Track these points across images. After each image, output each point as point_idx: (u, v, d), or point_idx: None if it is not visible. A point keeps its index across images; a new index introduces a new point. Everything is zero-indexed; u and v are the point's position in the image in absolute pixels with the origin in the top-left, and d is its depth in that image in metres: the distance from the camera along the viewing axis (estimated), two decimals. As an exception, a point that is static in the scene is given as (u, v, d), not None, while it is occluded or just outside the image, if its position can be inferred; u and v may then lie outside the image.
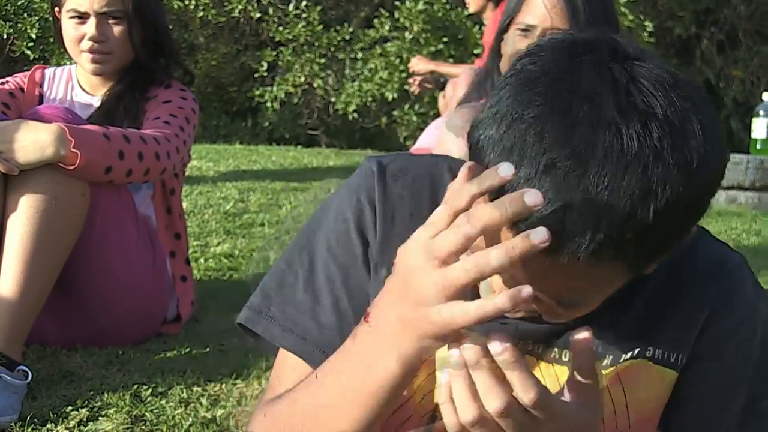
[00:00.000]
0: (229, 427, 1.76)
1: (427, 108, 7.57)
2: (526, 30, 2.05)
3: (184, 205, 3.53)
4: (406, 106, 7.67)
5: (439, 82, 5.21)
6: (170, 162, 2.17)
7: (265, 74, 7.87)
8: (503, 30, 2.13)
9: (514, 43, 2.06)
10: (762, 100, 5.56)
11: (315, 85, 7.77)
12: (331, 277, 1.13)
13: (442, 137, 1.91)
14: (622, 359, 1.09)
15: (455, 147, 1.84)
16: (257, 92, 7.84)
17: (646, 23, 8.00)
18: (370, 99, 7.62)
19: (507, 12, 2.12)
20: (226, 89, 8.35)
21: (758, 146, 5.51)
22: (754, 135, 5.52)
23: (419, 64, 5.27)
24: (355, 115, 7.75)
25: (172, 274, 2.31)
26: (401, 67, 7.39)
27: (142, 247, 2.18)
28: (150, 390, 1.86)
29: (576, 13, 2.02)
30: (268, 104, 7.83)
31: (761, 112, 5.47)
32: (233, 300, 2.59)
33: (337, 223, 1.14)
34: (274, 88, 7.80)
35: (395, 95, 7.49)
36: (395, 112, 7.74)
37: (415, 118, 7.61)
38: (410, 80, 5.35)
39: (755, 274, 1.18)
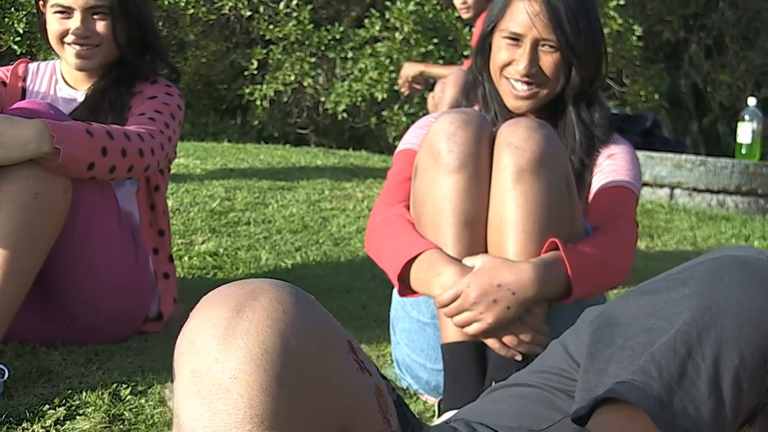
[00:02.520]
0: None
1: (416, 108, 7.56)
2: (516, 39, 2.05)
3: (170, 202, 3.51)
4: (396, 107, 7.65)
5: (428, 83, 5.21)
6: (154, 159, 2.15)
7: (255, 72, 7.84)
8: (487, 34, 2.13)
9: (505, 52, 2.07)
10: (747, 105, 5.57)
11: (305, 84, 7.74)
12: (738, 392, 1.05)
13: (430, 139, 1.89)
14: None
15: (444, 147, 1.83)
16: (247, 90, 7.80)
17: (635, 27, 8.00)
18: (359, 99, 7.59)
19: (490, 17, 2.12)
20: (215, 87, 8.32)
21: (743, 151, 5.52)
22: (739, 139, 5.53)
23: (409, 69, 5.26)
24: (345, 114, 7.72)
25: (154, 272, 2.30)
26: (391, 68, 7.38)
27: (125, 244, 2.16)
28: (129, 389, 1.84)
29: (560, 22, 2.02)
30: (258, 102, 7.80)
31: (747, 117, 5.47)
32: (216, 298, 2.58)
33: (758, 335, 1.05)
34: (264, 87, 7.77)
35: (385, 95, 7.46)
36: (385, 113, 7.71)
37: (404, 119, 7.59)
38: (399, 81, 5.34)
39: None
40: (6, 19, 5.96)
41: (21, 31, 5.94)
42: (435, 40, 7.50)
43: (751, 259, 1.12)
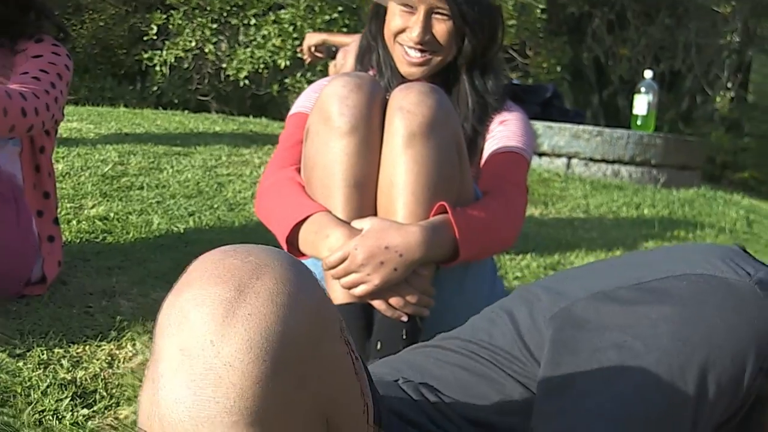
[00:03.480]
0: (96, 389, 1.72)
1: (319, 76, 7.52)
2: (410, 6, 2.05)
3: (60, 166, 3.43)
4: (299, 74, 7.60)
5: (331, 51, 5.18)
6: (38, 119, 2.09)
7: (155, 37, 7.68)
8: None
9: (399, 19, 2.07)
10: (644, 78, 5.70)
11: (206, 50, 7.63)
12: (712, 423, 1.05)
13: (322, 102, 1.88)
14: None
15: (336, 110, 1.82)
16: (146, 56, 7.65)
17: (540, 0, 8.09)
18: (262, 66, 7.52)
19: None
20: (114, 51, 8.15)
21: (639, 122, 5.65)
22: (635, 111, 5.67)
23: (312, 38, 5.24)
24: (247, 81, 7.64)
25: (38, 234, 2.23)
26: (295, 35, 7.32)
27: (5, 205, 2.10)
28: (7, 351, 1.80)
29: None
30: (157, 68, 7.65)
31: (642, 89, 5.61)
32: (104, 263, 2.54)
33: (735, 366, 1.05)
34: (164, 52, 7.63)
35: (288, 63, 7.41)
36: (287, 80, 7.66)
37: (307, 86, 7.55)
38: (299, 49, 5.30)
39: (633, 245, 1.23)
40: None
41: None
42: (339, 8, 7.46)
43: (735, 284, 1.09)
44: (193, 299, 0.84)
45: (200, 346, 0.83)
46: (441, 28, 2.06)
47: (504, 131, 2.15)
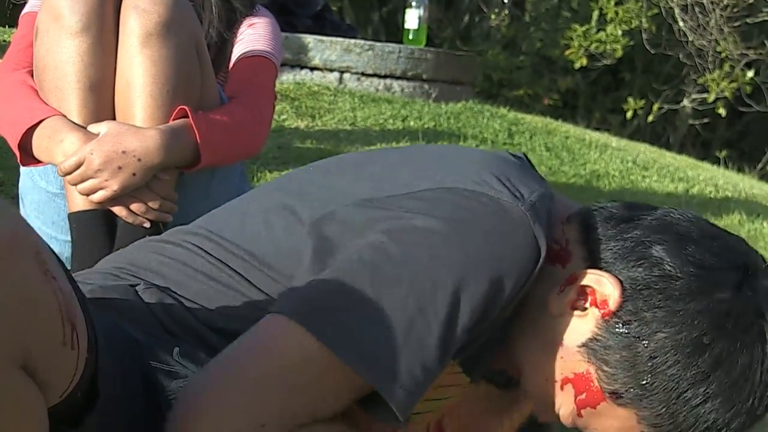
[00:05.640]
0: None
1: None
2: None
3: None
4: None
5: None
6: None
7: None
8: None
9: None
10: (416, -10, 5.76)
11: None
12: (461, 341, 1.04)
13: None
14: None
15: (66, 7, 1.73)
16: None
17: None
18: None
19: None
20: None
21: (411, 36, 5.72)
22: (407, 25, 5.72)
23: None
24: None
25: None
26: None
27: None
28: None
29: None
30: None
31: (413, 3, 5.66)
32: None
33: (492, 291, 1.02)
34: None
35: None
36: None
37: None
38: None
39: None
40: None
41: None
42: None
43: (507, 207, 1.06)
44: None
45: None
46: None
47: (252, 35, 2.13)
